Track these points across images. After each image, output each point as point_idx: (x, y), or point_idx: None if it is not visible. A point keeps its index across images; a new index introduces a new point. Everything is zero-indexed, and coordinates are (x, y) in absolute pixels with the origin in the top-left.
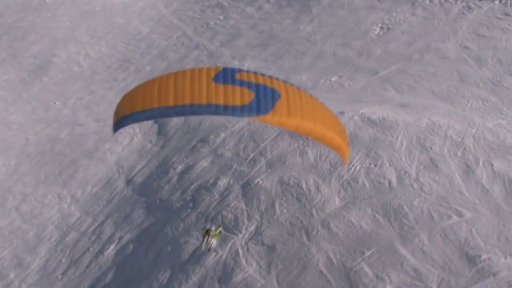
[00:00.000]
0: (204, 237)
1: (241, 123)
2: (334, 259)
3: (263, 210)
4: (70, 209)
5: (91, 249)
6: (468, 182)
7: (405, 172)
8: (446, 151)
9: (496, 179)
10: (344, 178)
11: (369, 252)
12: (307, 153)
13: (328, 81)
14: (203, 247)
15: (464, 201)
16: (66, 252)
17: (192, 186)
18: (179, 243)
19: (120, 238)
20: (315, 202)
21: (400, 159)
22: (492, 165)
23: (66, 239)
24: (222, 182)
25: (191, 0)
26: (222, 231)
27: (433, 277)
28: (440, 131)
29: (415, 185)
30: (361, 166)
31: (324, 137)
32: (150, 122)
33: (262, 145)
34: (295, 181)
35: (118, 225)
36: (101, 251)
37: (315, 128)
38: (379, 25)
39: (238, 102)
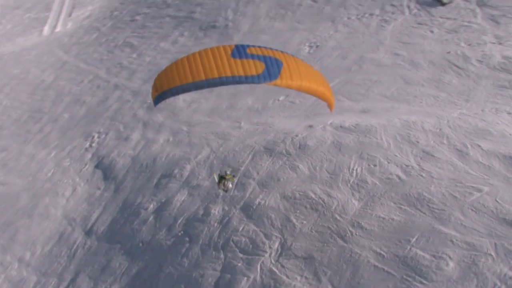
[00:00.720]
0: (220, 183)
1: (203, 153)
2: (383, 252)
3: (279, 226)
4: (21, 275)
5: None
6: (468, 163)
7: (407, 166)
8: (432, 142)
9: (491, 156)
10: (351, 181)
11: (415, 238)
12: (298, 167)
13: (277, 101)
14: (220, 190)
15: (475, 178)
16: None
17: (179, 221)
18: (193, 278)
19: None
20: (333, 208)
21: (395, 155)
22: (479, 146)
23: None
24: (216, 210)
25: (93, 42)
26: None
27: (486, 245)
28: (417, 126)
29: (423, 174)
30: (362, 168)
31: (317, 92)
32: (90, 169)
33: (242, 168)
34: (301, 193)
35: (96, 278)
36: None
37: (311, 86)
38: (307, 44)
39: (254, 72)
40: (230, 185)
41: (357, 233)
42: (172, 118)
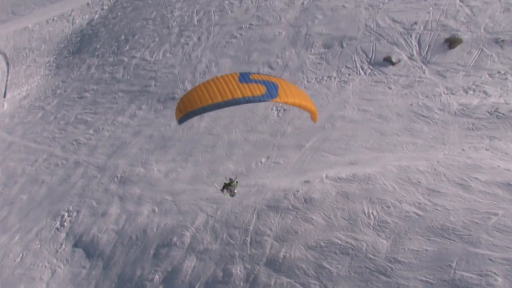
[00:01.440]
0: (224, 189)
1: (200, 219)
2: (429, 280)
3: (314, 274)
4: None
5: None
6: (473, 193)
7: (419, 203)
8: (432, 180)
9: (491, 186)
10: (371, 224)
11: (455, 263)
12: (312, 218)
13: (260, 163)
14: (227, 196)
15: (486, 205)
16: None
17: (197, 286)
18: None
19: None
20: (364, 249)
21: (404, 196)
22: (477, 178)
23: None
24: (237, 270)
25: (40, 121)
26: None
27: None
28: (412, 169)
29: (438, 208)
30: (377, 211)
31: (306, 107)
32: (68, 248)
33: (250, 227)
34: (325, 241)
35: None
36: None
37: (301, 102)
38: (274, 108)
39: (259, 93)
40: (236, 190)
41: (397, 267)
42: (151, 189)
